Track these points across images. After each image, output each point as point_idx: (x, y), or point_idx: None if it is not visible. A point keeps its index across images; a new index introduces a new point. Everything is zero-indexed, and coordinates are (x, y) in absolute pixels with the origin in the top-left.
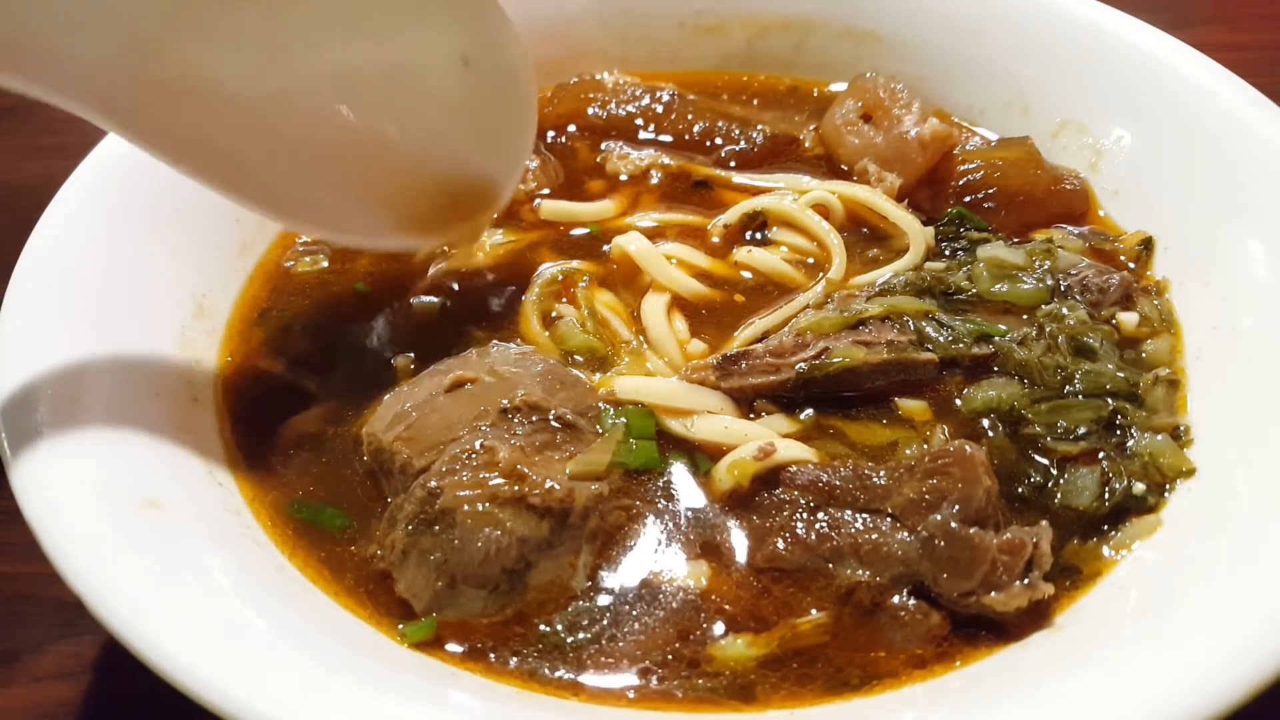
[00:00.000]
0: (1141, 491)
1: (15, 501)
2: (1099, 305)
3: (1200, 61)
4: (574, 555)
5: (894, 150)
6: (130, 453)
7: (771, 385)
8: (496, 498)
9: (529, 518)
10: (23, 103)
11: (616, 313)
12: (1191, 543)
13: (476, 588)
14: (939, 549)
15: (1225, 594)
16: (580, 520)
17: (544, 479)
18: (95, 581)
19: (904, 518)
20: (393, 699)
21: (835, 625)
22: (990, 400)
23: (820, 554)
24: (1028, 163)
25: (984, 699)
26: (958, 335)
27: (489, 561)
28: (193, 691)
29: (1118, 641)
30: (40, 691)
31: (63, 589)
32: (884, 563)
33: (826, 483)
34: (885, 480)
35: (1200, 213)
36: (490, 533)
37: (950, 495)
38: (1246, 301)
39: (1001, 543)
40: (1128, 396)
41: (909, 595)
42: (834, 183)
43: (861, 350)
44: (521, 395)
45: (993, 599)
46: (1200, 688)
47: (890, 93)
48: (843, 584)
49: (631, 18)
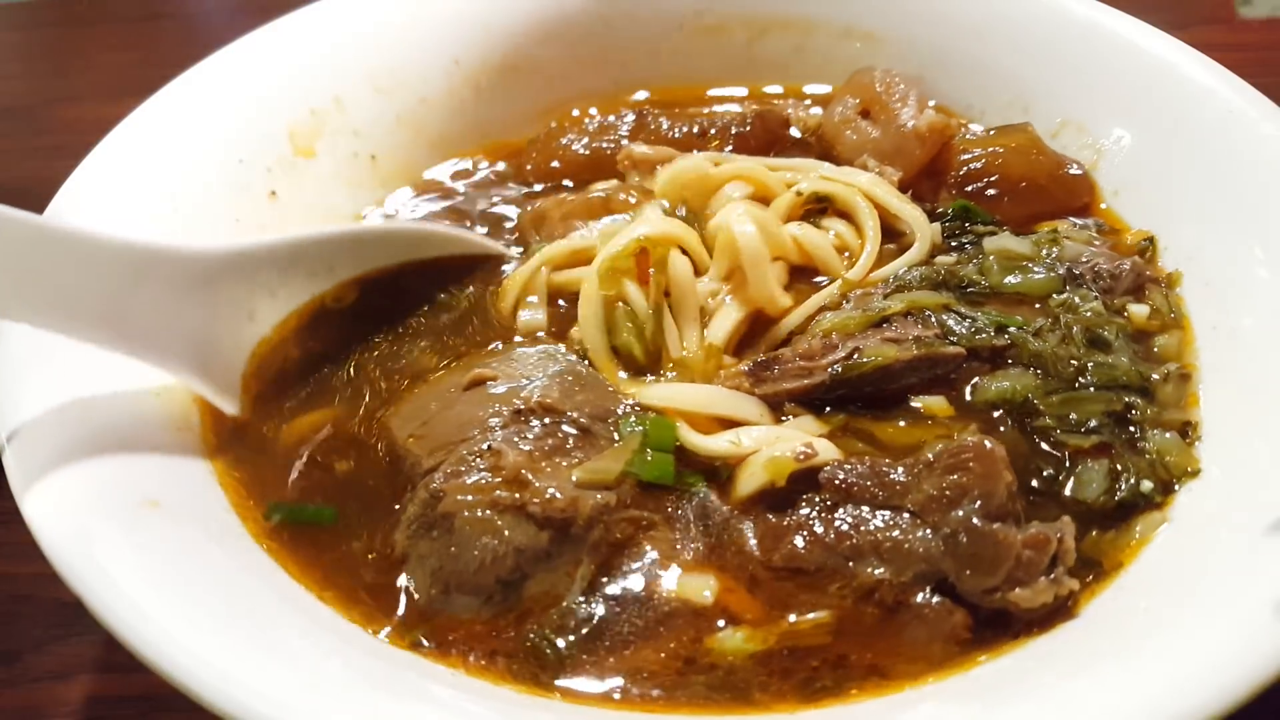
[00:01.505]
0: (1149, 489)
1: (15, 501)
2: (1111, 292)
3: (1200, 61)
4: (573, 567)
5: (892, 144)
6: (130, 453)
7: (805, 389)
8: (497, 504)
9: (528, 527)
10: (23, 103)
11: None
12: (1193, 541)
13: (470, 596)
14: (962, 546)
15: (1225, 593)
16: (583, 531)
17: (546, 487)
18: (95, 581)
19: (924, 514)
20: (392, 698)
21: (853, 625)
22: (1004, 391)
23: (840, 552)
24: (1029, 148)
25: (992, 698)
26: (979, 326)
27: (484, 571)
28: (193, 691)
29: (1121, 640)
30: (40, 691)
31: (63, 589)
32: (905, 560)
33: (844, 480)
34: (904, 477)
35: (1200, 213)
36: (487, 541)
37: (971, 491)
38: (1246, 301)
39: (1026, 538)
40: (1140, 390)
41: (932, 593)
42: (846, 170)
43: (892, 348)
44: (537, 396)
45: (1018, 595)
46: (1203, 686)
47: (887, 86)
48: (863, 583)
49: (632, 18)
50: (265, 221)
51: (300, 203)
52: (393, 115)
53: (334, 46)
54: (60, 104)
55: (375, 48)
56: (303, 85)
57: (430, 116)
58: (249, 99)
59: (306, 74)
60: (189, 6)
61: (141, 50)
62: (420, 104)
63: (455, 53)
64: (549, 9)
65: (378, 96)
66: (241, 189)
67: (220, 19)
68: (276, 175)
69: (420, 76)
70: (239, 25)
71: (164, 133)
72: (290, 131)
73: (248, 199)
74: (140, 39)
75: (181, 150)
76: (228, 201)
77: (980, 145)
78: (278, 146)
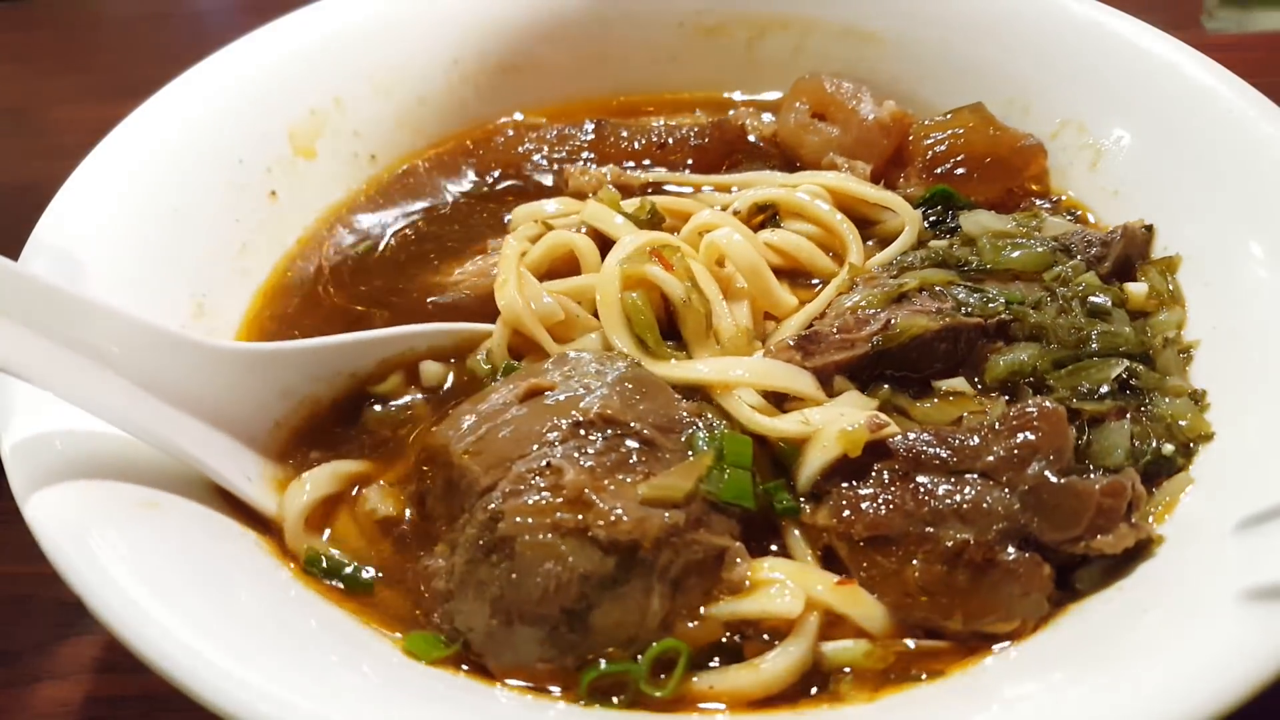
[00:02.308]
0: (1171, 452)
1: (15, 502)
2: (1103, 260)
3: (1200, 61)
4: (644, 595)
5: (856, 139)
6: (130, 453)
7: (851, 360)
8: (559, 528)
9: (592, 552)
10: (23, 103)
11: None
12: (1192, 541)
13: (533, 626)
14: (1043, 500)
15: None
16: (652, 555)
17: (611, 508)
18: (95, 581)
19: (996, 475)
20: (393, 699)
21: (945, 589)
22: (1013, 365)
23: (920, 518)
24: (986, 125)
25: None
26: (990, 298)
27: (547, 600)
28: (193, 691)
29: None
30: (40, 691)
31: (63, 589)
32: (987, 519)
33: (910, 449)
34: (972, 441)
35: (1200, 213)
36: (550, 567)
37: (1041, 449)
38: (1246, 301)
39: (1104, 487)
40: (1141, 358)
41: (1018, 548)
42: (814, 174)
43: (923, 318)
44: (597, 408)
45: (1101, 541)
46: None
47: (838, 87)
48: (950, 545)
49: (631, 18)
50: (265, 221)
51: (300, 203)
52: (392, 115)
53: (334, 46)
54: (60, 104)
55: (375, 48)
56: (303, 85)
57: (430, 116)
58: (249, 99)
59: (306, 74)
60: (189, 6)
61: (141, 50)
62: (420, 104)
63: (455, 53)
64: (549, 9)
65: (377, 96)
66: (241, 189)
67: (220, 19)
68: (276, 175)
69: (420, 76)
70: (239, 25)
71: (164, 133)
72: (290, 131)
73: (248, 199)
74: (140, 39)
75: (181, 150)
76: (228, 201)
77: (940, 129)
78: (278, 146)
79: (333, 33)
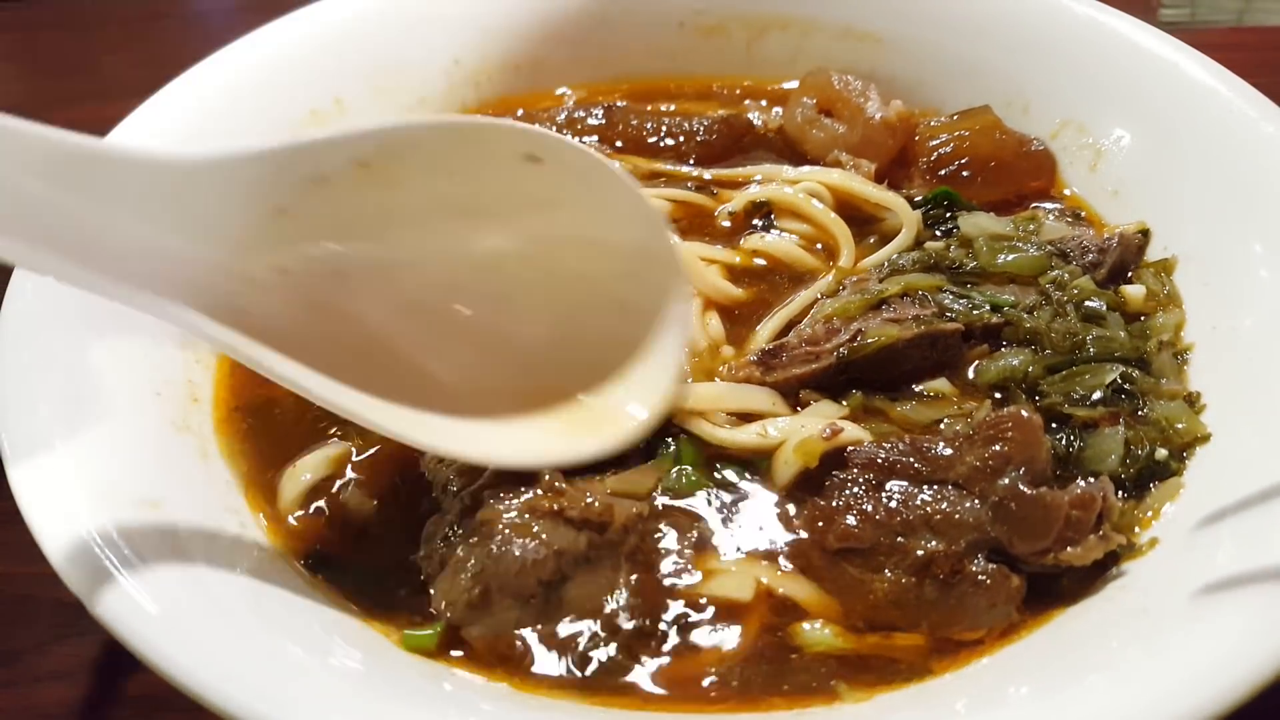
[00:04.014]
0: (1164, 457)
1: (15, 502)
2: (1099, 266)
3: (1200, 61)
4: (613, 572)
5: (862, 137)
6: (130, 453)
7: (814, 373)
8: (535, 511)
9: (566, 531)
10: (23, 103)
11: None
12: (1190, 542)
13: (512, 598)
14: (1012, 511)
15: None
16: (619, 536)
17: (583, 493)
18: (95, 581)
19: (970, 485)
20: (394, 699)
21: (914, 600)
22: (1005, 370)
23: (892, 528)
24: (992, 128)
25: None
26: (975, 304)
27: (525, 572)
28: (193, 691)
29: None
30: (40, 691)
31: (63, 589)
32: (957, 530)
33: (885, 459)
34: (945, 450)
35: (1200, 213)
36: (527, 543)
37: (1014, 459)
38: (1246, 301)
39: (1072, 498)
40: (1137, 363)
41: (986, 559)
42: (816, 170)
43: (894, 327)
44: None
45: (1070, 554)
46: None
47: (845, 84)
48: (919, 556)
49: (631, 17)
50: None
51: None
52: (393, 116)
53: (334, 47)
54: (60, 105)
55: (375, 48)
56: (303, 85)
57: None
58: (249, 99)
59: (307, 74)
60: (189, 6)
61: (141, 50)
62: (420, 104)
63: (455, 53)
64: (549, 9)
65: (378, 97)
66: None
67: (220, 19)
68: None
69: (420, 76)
70: (239, 25)
71: (164, 133)
72: (291, 132)
73: None
74: (140, 39)
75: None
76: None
77: (946, 130)
78: None
79: (333, 33)
